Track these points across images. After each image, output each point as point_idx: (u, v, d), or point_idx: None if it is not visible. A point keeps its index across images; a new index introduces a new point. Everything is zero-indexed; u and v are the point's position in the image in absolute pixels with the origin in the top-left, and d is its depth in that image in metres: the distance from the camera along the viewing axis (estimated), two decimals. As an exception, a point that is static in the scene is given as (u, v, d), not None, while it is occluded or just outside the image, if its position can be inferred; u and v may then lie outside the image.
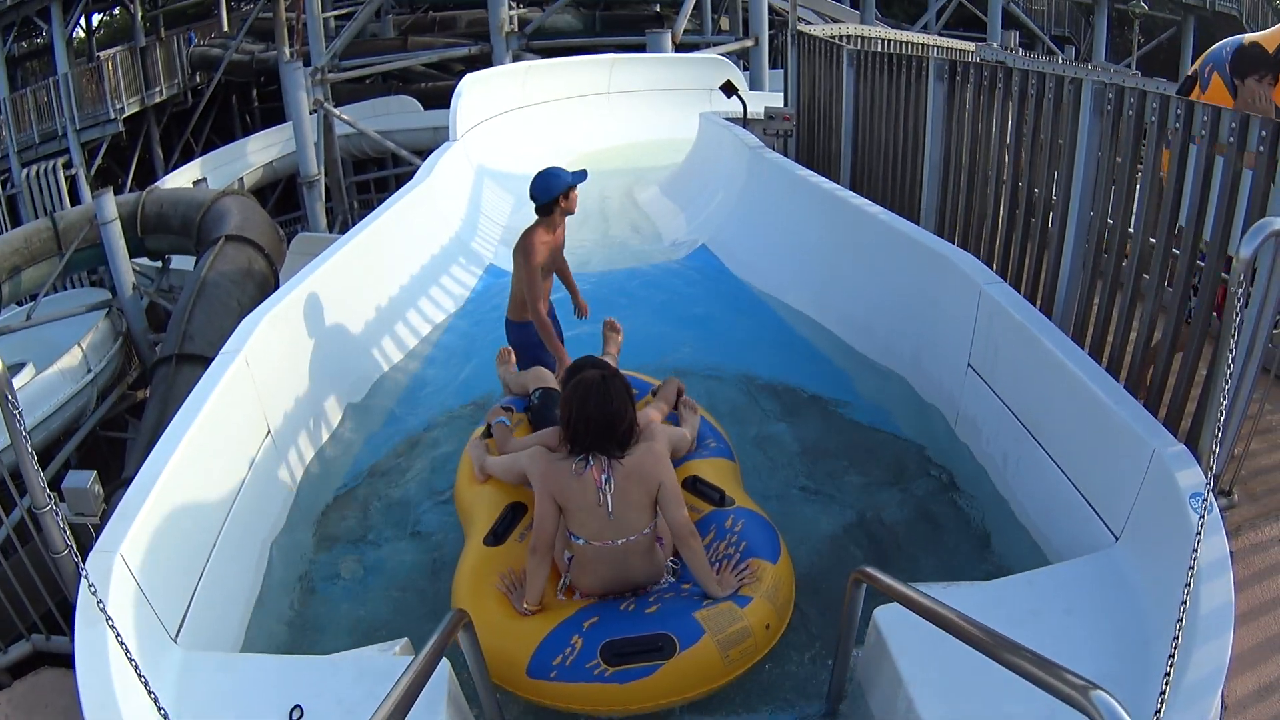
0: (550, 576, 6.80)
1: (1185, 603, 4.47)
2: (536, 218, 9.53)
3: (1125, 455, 6.27)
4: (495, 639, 6.27)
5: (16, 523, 8.44)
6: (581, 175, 9.49)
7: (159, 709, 4.51)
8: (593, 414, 6.40)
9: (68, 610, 7.92)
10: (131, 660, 4.61)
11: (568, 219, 9.62)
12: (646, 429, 6.79)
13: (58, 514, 6.65)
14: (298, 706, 5.43)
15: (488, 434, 8.34)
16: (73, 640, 5.38)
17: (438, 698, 5.40)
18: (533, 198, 9.47)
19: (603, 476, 6.36)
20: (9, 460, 7.40)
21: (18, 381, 19.14)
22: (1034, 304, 8.42)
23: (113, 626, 4.81)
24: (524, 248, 9.42)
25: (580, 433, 6.43)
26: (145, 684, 4.53)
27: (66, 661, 8.04)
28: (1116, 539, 6.30)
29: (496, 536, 7.29)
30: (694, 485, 7.53)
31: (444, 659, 5.16)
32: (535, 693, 6.27)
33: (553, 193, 9.36)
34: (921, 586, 5.32)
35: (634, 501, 6.42)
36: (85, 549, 6.34)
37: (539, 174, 9.50)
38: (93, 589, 4.93)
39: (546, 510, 6.50)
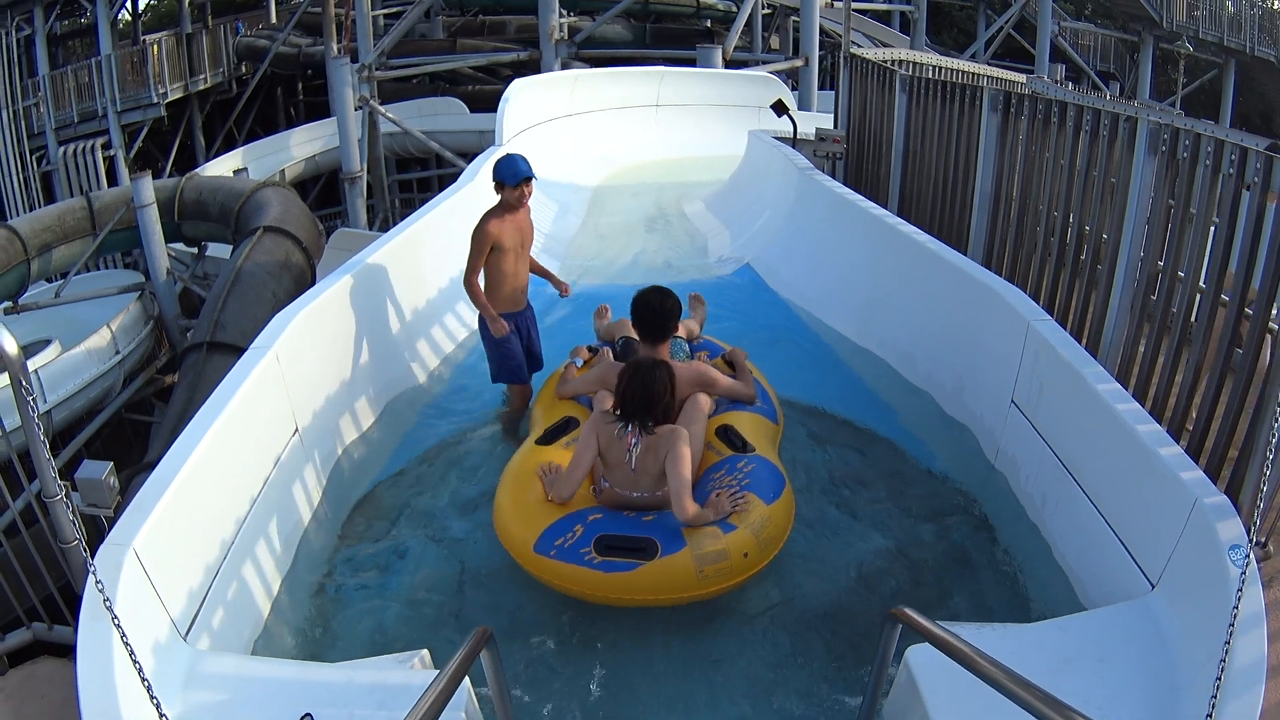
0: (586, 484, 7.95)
1: (1225, 660, 4.37)
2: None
3: (1166, 503, 6.14)
4: (518, 516, 7.52)
5: (23, 507, 8.35)
6: (515, 176, 9.88)
7: (160, 715, 4.39)
8: (638, 393, 7.55)
9: (71, 596, 7.84)
10: (136, 663, 4.49)
11: (617, 225, 9.78)
12: (695, 408, 8.38)
13: (68, 504, 6.56)
14: (308, 715, 5.30)
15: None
16: (76, 633, 5.29)
17: (455, 718, 5.31)
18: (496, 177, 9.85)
19: (634, 441, 7.52)
20: (20, 441, 7.27)
21: (42, 359, 19.18)
22: (1079, 343, 8.27)
23: (119, 626, 4.68)
24: (474, 233, 9.82)
25: (627, 404, 7.60)
26: (149, 688, 4.41)
27: (67, 652, 7.93)
28: (1153, 587, 6.17)
29: (548, 438, 8.54)
30: (724, 433, 8.39)
31: (465, 677, 5.05)
32: (536, 566, 7.25)
33: (517, 178, 9.78)
34: (956, 627, 5.32)
35: (650, 469, 7.53)
36: (95, 537, 6.25)
37: (506, 157, 10.01)
38: (100, 586, 4.79)
39: (589, 448, 7.72)
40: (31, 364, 18.43)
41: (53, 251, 22.67)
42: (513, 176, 9.76)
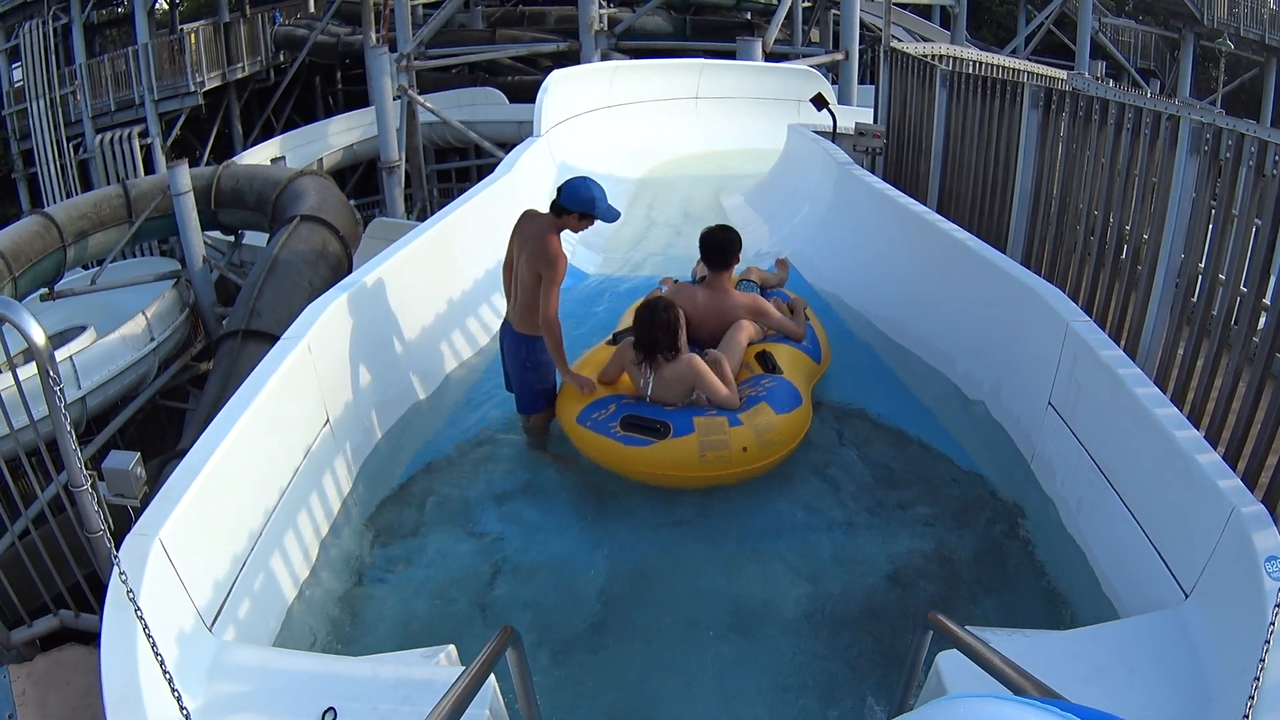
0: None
1: (1259, 676, 4.31)
2: (553, 216, 9.21)
3: (1202, 511, 6.04)
4: (571, 394, 9.21)
5: (52, 496, 8.35)
6: (615, 215, 9.45)
7: (181, 709, 4.37)
8: (643, 331, 8.84)
9: (97, 582, 7.84)
10: (158, 655, 4.47)
11: (656, 217, 9.93)
12: (737, 331, 9.76)
13: (94, 495, 6.55)
14: (331, 709, 5.29)
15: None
16: (101, 622, 5.24)
17: (479, 715, 5.26)
18: (564, 197, 9.15)
19: (648, 373, 8.86)
20: (46, 430, 7.27)
21: (77, 345, 19.25)
22: (1118, 345, 8.18)
23: (142, 619, 4.68)
24: (552, 258, 9.02)
25: (637, 340, 8.92)
26: (170, 681, 4.39)
27: (93, 639, 7.94)
28: (1186, 596, 6.09)
29: (616, 339, 10.09)
30: (761, 357, 9.73)
31: (491, 675, 5.01)
32: (575, 435, 8.97)
33: (581, 205, 9.12)
34: (989, 632, 5.36)
35: (670, 393, 8.86)
36: (121, 528, 6.24)
37: (584, 179, 9.33)
38: (124, 577, 4.80)
39: (613, 367, 9.29)
40: (66, 350, 18.61)
41: (89, 239, 22.79)
42: (580, 202, 9.13)
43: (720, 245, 10.09)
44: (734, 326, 9.79)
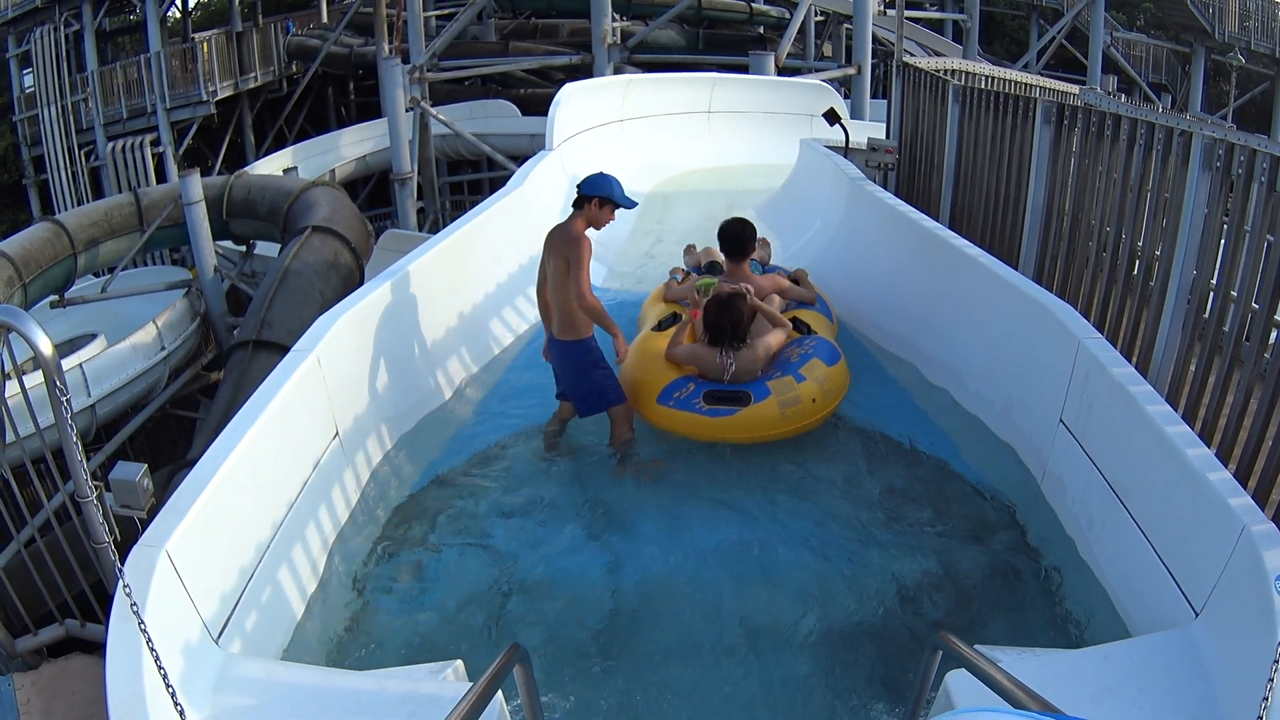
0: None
1: (1267, 696, 4.28)
2: (575, 211, 9.61)
3: (1213, 529, 6.01)
4: (646, 373, 9.89)
5: (58, 505, 8.33)
6: (633, 203, 10.09)
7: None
8: (726, 322, 9.61)
9: (103, 591, 7.83)
10: (161, 668, 4.46)
11: (668, 232, 10.23)
12: (769, 304, 10.70)
13: (99, 507, 6.52)
14: (336, 724, 5.28)
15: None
16: (106, 633, 5.22)
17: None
18: (584, 185, 9.65)
19: (729, 362, 9.64)
20: (54, 438, 7.25)
21: (87, 353, 19.22)
22: (1129, 362, 8.15)
23: (146, 630, 4.65)
24: (574, 238, 9.41)
25: (718, 331, 9.67)
26: (174, 694, 4.37)
27: (98, 649, 7.92)
28: (1197, 615, 6.06)
29: (660, 327, 10.83)
30: (793, 323, 10.62)
31: (498, 692, 4.99)
32: (656, 415, 9.71)
33: (598, 190, 9.56)
34: (999, 652, 5.37)
35: (746, 374, 9.66)
36: (129, 537, 6.23)
37: (600, 173, 9.82)
38: (129, 590, 4.78)
39: (691, 358, 9.89)
40: (76, 358, 18.60)
41: (100, 246, 22.76)
42: (595, 187, 9.53)
43: (740, 236, 11.03)
44: (765, 300, 10.72)
